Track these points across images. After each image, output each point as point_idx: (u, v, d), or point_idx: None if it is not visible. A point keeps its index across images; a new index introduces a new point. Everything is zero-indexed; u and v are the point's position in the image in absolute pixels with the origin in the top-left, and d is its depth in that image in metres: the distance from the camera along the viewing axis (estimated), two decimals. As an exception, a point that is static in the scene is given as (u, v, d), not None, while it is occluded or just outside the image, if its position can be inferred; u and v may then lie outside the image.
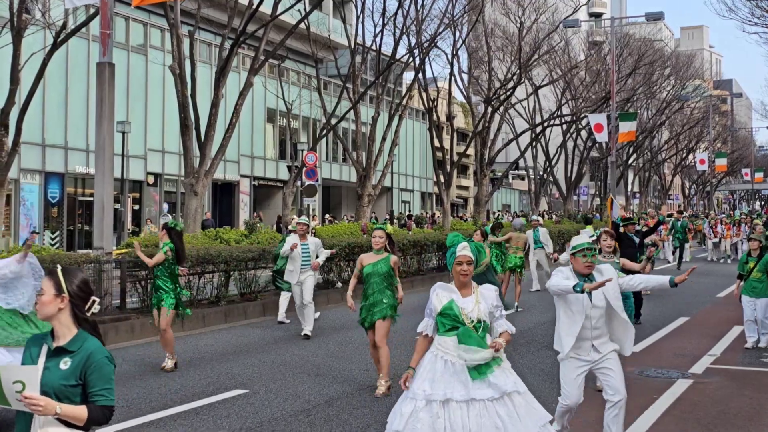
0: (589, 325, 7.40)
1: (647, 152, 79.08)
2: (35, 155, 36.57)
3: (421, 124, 68.60)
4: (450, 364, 6.18)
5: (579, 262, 7.38)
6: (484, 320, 6.31)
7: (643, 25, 73.62)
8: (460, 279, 6.41)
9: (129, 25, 41.76)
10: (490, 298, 6.42)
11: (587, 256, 7.34)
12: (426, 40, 42.67)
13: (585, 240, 7.45)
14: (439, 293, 6.47)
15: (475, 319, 6.29)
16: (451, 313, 6.31)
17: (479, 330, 6.26)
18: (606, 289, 7.30)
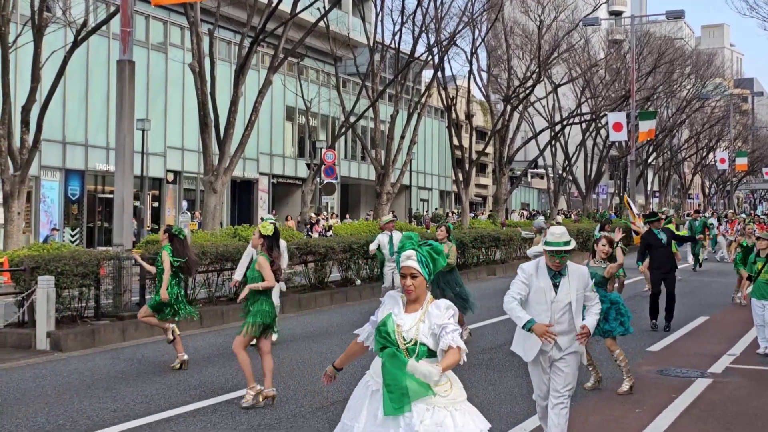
0: (552, 319, 7.23)
1: (667, 151, 78.71)
2: (56, 152, 36.76)
3: (440, 122, 68.54)
4: (371, 393, 5.26)
5: (549, 258, 7.27)
6: (422, 343, 5.17)
7: (664, 24, 73.28)
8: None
9: (149, 23, 41.91)
10: (437, 316, 5.23)
11: (556, 257, 7.20)
12: (445, 39, 42.62)
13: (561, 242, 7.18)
14: (386, 302, 5.44)
15: (410, 340, 5.19)
16: (383, 329, 5.27)
17: (413, 354, 5.14)
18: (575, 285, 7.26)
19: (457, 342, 5.10)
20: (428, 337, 5.16)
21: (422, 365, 4.97)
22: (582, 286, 7.33)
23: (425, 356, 5.13)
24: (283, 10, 33.37)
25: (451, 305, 5.31)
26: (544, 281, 7.27)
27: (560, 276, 7.28)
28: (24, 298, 13.71)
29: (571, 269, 7.34)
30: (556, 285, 7.26)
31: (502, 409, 9.45)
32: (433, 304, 5.27)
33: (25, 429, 8.60)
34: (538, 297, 7.27)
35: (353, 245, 21.11)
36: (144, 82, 39.60)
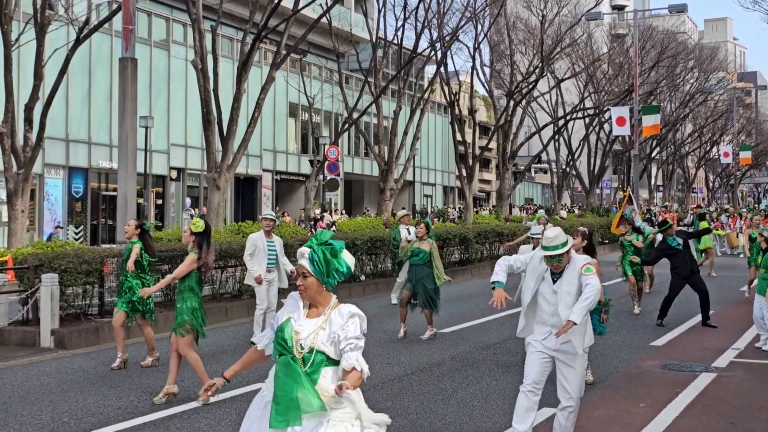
0: (548, 309, 7.22)
1: (671, 145, 78.68)
2: (59, 150, 36.79)
3: (443, 117, 68.49)
4: (265, 404, 4.98)
5: (547, 262, 7.22)
6: (320, 351, 4.85)
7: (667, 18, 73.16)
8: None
9: (151, 21, 41.91)
10: (338, 324, 4.90)
11: (553, 261, 7.15)
12: (448, 34, 42.61)
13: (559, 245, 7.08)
14: (287, 304, 5.09)
15: (307, 348, 4.85)
16: (280, 335, 4.93)
17: (308, 363, 4.82)
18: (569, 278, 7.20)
19: (360, 364, 4.85)
20: (327, 345, 4.86)
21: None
22: (575, 278, 7.24)
23: (323, 365, 4.84)
24: (285, 7, 33.35)
25: (355, 313, 4.99)
26: (541, 268, 7.28)
27: (562, 273, 7.26)
28: (28, 296, 13.73)
29: (571, 264, 7.29)
30: (558, 281, 7.25)
31: (505, 403, 9.45)
32: (336, 310, 4.94)
33: (29, 427, 8.61)
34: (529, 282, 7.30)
35: (357, 241, 21.11)
36: (147, 80, 39.61)
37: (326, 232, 5.07)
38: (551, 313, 7.17)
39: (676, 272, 15.67)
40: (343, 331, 4.86)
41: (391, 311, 17.11)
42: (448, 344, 13.55)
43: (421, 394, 9.96)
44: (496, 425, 8.62)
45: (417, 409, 9.22)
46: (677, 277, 15.64)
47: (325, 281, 4.95)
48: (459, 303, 18.44)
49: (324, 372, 4.85)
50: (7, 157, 24.60)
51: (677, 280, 15.65)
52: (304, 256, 4.93)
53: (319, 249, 4.92)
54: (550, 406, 9.25)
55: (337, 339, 4.85)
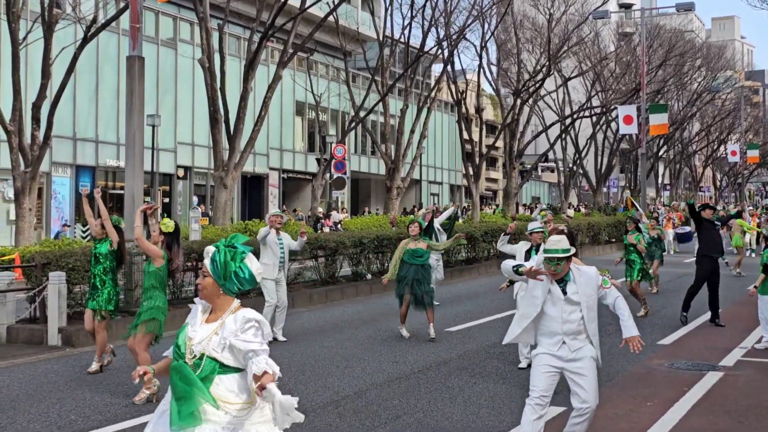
0: (559, 318, 6.98)
1: (678, 144, 78.50)
2: (66, 149, 36.85)
3: (449, 116, 68.44)
4: (160, 413, 4.86)
5: (546, 266, 7.01)
6: (211, 357, 4.69)
7: (674, 16, 73.01)
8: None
9: (159, 19, 41.94)
10: (231, 329, 4.71)
11: (551, 264, 6.94)
12: (454, 33, 42.59)
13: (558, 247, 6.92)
14: (193, 309, 5.02)
15: (198, 354, 4.70)
16: (175, 341, 4.84)
17: (198, 370, 4.66)
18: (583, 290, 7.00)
19: (271, 367, 4.59)
20: (219, 351, 4.68)
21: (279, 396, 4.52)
22: (592, 290, 7.06)
23: (216, 372, 4.67)
24: (292, 5, 33.37)
25: (251, 318, 4.77)
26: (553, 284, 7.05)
27: (564, 282, 7.03)
28: (35, 294, 13.76)
29: (577, 274, 7.06)
30: (564, 289, 7.02)
31: (512, 403, 9.45)
32: (233, 315, 4.77)
33: (37, 424, 8.63)
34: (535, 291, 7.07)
35: (364, 240, 21.11)
36: (154, 78, 39.64)
37: (240, 236, 4.96)
38: (563, 321, 6.99)
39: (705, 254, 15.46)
40: (238, 339, 4.67)
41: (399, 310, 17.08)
42: (455, 343, 13.55)
43: (428, 392, 9.96)
44: (503, 424, 8.62)
45: (424, 407, 9.23)
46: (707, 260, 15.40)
47: (223, 284, 4.80)
48: (466, 301, 18.44)
49: (218, 379, 4.68)
50: (15, 155, 24.65)
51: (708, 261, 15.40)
52: (209, 255, 4.83)
53: (223, 250, 4.80)
54: (558, 405, 9.25)
55: (228, 345, 4.67)
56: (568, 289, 6.99)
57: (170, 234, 9.85)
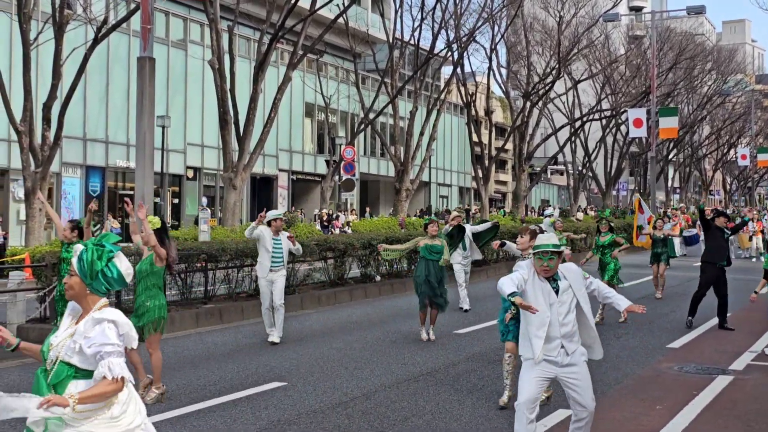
0: (556, 321, 6.83)
1: (688, 147, 78.35)
2: (76, 149, 36.95)
3: (459, 118, 68.43)
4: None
5: (537, 262, 6.90)
6: (64, 362, 4.47)
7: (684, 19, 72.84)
8: None
9: (169, 20, 42.04)
10: (81, 332, 4.49)
11: (543, 260, 6.80)
12: (464, 35, 42.60)
13: (550, 242, 6.83)
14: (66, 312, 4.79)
15: (54, 359, 4.52)
16: (41, 348, 4.68)
17: (52, 375, 4.49)
18: (575, 287, 6.91)
19: (113, 372, 4.36)
20: (71, 355, 4.45)
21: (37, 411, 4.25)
22: (581, 284, 6.99)
23: (72, 378, 4.44)
24: (302, 7, 33.40)
25: (105, 318, 4.52)
26: (542, 284, 6.90)
27: (556, 280, 6.92)
28: (46, 293, 13.80)
29: (564, 271, 6.98)
30: (556, 289, 6.90)
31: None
32: (90, 316, 4.52)
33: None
34: (538, 299, 6.86)
35: (372, 242, 21.11)
36: (164, 79, 39.73)
37: (111, 235, 4.78)
38: (560, 324, 6.85)
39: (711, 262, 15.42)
40: (87, 340, 4.43)
41: (407, 311, 17.10)
42: (464, 345, 13.54)
43: (437, 394, 9.96)
44: (512, 426, 8.60)
45: (432, 409, 9.22)
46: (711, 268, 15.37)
47: (90, 283, 4.60)
48: (475, 304, 18.43)
49: (73, 385, 4.45)
50: (26, 155, 24.74)
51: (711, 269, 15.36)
52: (76, 253, 4.65)
53: (91, 249, 4.62)
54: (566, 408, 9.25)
55: (78, 348, 4.44)
56: (561, 287, 6.89)
57: (158, 230, 9.84)
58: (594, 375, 10.95)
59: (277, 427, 8.51)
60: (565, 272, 6.98)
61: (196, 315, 15.52)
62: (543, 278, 6.88)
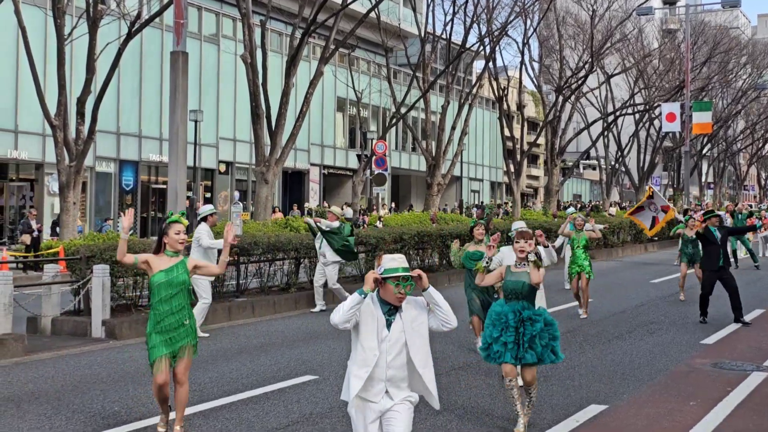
0: (383, 363, 5.83)
1: (722, 142, 77.69)
2: (110, 143, 37.21)
3: (491, 113, 68.24)
4: None
5: (395, 290, 5.70)
6: None
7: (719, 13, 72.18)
8: None
9: (202, 15, 42.22)
10: None
11: (401, 285, 5.68)
12: (497, 29, 42.44)
13: (400, 268, 5.70)
14: None
15: None
16: None
17: None
18: (408, 319, 5.83)
19: None
20: None
21: None
22: (422, 314, 5.91)
23: None
24: (334, 1, 33.43)
25: None
26: (377, 311, 5.83)
27: (395, 311, 5.82)
28: (80, 286, 13.91)
29: (410, 300, 5.89)
30: (390, 322, 5.83)
31: (552, 400, 9.39)
32: None
33: (81, 415, 8.72)
34: (369, 328, 5.86)
35: (404, 236, 21.08)
36: (196, 74, 39.90)
37: None
38: (386, 366, 5.91)
39: (708, 268, 15.49)
40: None
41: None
42: (496, 340, 13.48)
43: (468, 389, 9.94)
44: (543, 421, 8.58)
45: (464, 403, 9.21)
46: (709, 273, 15.47)
47: None
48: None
49: None
50: (60, 149, 24.92)
51: (709, 277, 15.47)
52: None
53: None
54: (598, 403, 9.21)
55: None
56: (395, 321, 5.84)
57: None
58: (627, 371, 10.94)
59: (309, 420, 8.53)
60: (407, 304, 5.87)
61: (229, 308, 15.59)
62: (379, 306, 5.81)
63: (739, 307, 15.36)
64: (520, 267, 8.25)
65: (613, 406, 9.19)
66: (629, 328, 14.80)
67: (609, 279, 23.71)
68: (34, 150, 34.24)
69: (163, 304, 7.67)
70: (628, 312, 17.02)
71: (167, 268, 7.67)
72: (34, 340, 13.02)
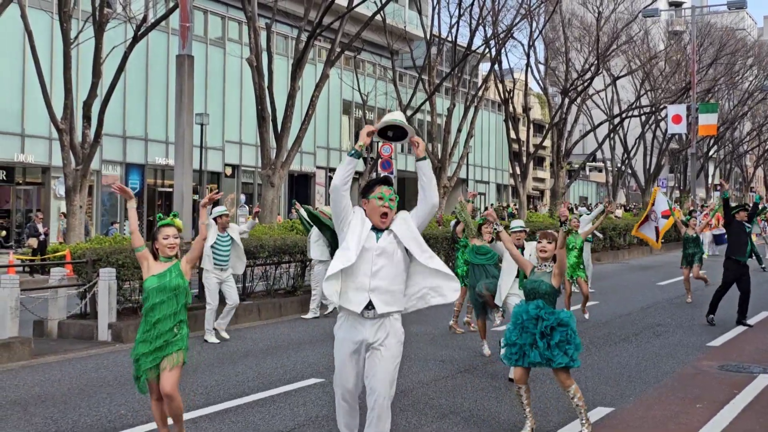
0: (368, 271, 5.72)
1: (728, 144, 77.58)
2: (116, 146, 37.28)
3: (496, 115, 68.23)
4: None
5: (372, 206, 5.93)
6: None
7: (725, 14, 72.13)
8: None
9: (207, 18, 42.28)
10: None
11: (384, 198, 5.92)
12: (502, 31, 42.43)
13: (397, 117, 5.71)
14: None
15: None
16: None
17: None
18: (399, 230, 5.85)
19: None
20: None
21: None
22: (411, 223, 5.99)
23: None
24: (339, 4, 33.45)
25: None
26: (367, 224, 5.92)
27: (383, 231, 5.93)
28: (86, 290, 13.93)
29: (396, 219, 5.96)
30: (378, 237, 5.90)
31: (559, 403, 9.38)
32: None
33: (87, 418, 8.73)
34: (354, 231, 5.84)
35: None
36: (202, 77, 39.97)
37: None
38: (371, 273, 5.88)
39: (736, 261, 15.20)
40: None
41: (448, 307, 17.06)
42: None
43: (475, 391, 9.93)
44: (550, 424, 8.57)
45: (470, 406, 9.20)
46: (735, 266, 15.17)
47: None
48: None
49: None
50: (66, 153, 24.97)
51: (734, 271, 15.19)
52: None
53: None
54: (605, 405, 9.19)
55: None
56: (384, 234, 5.91)
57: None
58: (633, 373, 10.92)
59: (315, 423, 8.53)
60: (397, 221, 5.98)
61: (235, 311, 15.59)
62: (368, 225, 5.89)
63: (745, 310, 15.30)
64: (541, 268, 8.07)
65: (620, 408, 9.17)
66: (636, 330, 14.77)
67: (615, 281, 23.68)
68: (41, 154, 34.33)
69: (154, 310, 7.20)
70: (635, 314, 17.00)
71: (160, 272, 7.21)
72: (40, 344, 13.04)
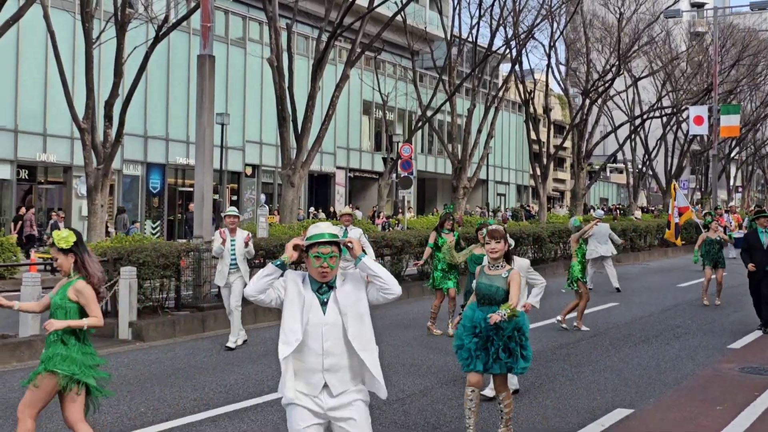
0: (319, 348, 5.16)
1: (750, 146, 77.10)
2: (137, 146, 37.45)
3: (517, 116, 68.10)
4: None
5: (313, 262, 5.16)
6: None
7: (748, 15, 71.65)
8: None
9: (228, 19, 42.41)
10: None
11: (322, 257, 5.12)
12: (523, 32, 42.33)
13: (326, 234, 5.15)
14: None
15: None
16: None
17: None
18: (343, 297, 5.23)
19: None
20: None
21: None
22: (359, 289, 5.33)
23: None
24: (360, 5, 33.44)
25: None
26: (307, 293, 5.21)
27: (329, 290, 5.24)
28: (107, 288, 14.00)
29: (347, 276, 5.36)
30: (324, 302, 5.22)
31: (578, 403, 9.38)
32: None
33: (107, 416, 8.78)
34: (293, 309, 5.23)
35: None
36: (223, 77, 40.09)
37: None
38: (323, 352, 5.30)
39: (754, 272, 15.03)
40: None
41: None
42: (521, 343, 13.44)
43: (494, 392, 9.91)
44: (569, 425, 8.56)
45: (489, 407, 9.18)
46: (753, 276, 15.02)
47: None
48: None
49: None
50: (88, 152, 25.08)
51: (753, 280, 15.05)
52: None
53: None
54: (624, 407, 9.17)
55: None
56: (330, 301, 5.24)
57: (73, 247, 6.76)
58: (653, 375, 10.88)
59: (334, 423, 8.54)
60: (348, 279, 5.34)
61: (255, 310, 15.64)
62: (309, 288, 5.23)
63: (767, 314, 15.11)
64: (494, 269, 7.72)
65: (639, 410, 9.15)
66: (656, 332, 14.72)
67: (636, 283, 23.59)
68: (63, 153, 34.52)
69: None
70: (655, 316, 16.94)
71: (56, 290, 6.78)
72: (61, 342, 13.11)
